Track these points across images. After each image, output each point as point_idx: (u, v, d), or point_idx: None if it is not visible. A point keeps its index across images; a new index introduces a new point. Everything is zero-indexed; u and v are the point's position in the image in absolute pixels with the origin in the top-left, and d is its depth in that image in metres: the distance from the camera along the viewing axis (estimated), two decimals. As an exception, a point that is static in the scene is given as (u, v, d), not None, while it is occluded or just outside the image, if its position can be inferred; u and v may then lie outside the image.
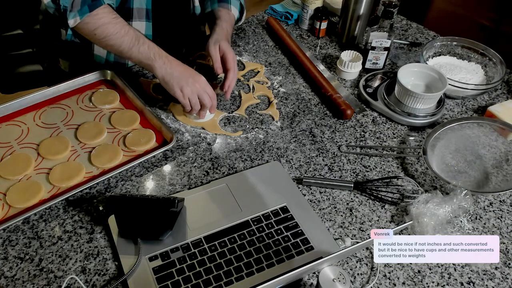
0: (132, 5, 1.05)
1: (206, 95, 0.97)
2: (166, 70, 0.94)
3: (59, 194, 0.85)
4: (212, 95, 0.98)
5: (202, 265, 0.75)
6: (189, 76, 0.95)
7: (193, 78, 0.96)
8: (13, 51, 1.25)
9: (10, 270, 0.75)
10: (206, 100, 0.97)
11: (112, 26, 0.92)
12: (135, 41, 0.93)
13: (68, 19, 0.91)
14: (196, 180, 0.90)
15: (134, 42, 0.93)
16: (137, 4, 1.05)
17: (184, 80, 0.94)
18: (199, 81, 0.96)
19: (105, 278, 0.75)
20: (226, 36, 1.05)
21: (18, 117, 1.00)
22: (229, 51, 1.01)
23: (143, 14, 1.07)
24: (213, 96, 0.98)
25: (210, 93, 0.97)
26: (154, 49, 0.94)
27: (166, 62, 0.94)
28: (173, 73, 0.94)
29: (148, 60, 0.94)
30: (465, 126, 0.99)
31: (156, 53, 0.94)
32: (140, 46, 0.93)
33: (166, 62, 0.94)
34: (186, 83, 0.94)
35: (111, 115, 1.01)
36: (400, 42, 1.29)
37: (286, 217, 0.83)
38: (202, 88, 0.96)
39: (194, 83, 0.95)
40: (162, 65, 0.94)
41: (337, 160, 0.96)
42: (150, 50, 0.94)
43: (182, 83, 0.94)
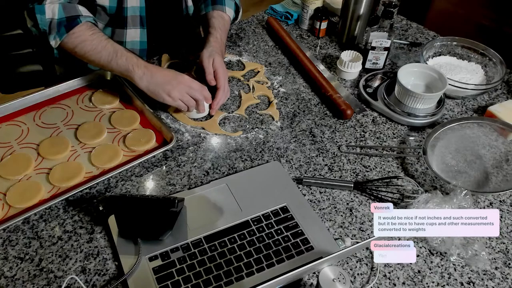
0: (126, 14, 1.06)
1: (194, 90, 0.97)
2: (147, 79, 0.94)
3: (59, 194, 0.85)
4: (200, 88, 0.98)
5: (202, 265, 0.75)
6: (172, 78, 0.96)
7: (176, 79, 0.96)
8: (13, 51, 1.25)
9: (10, 270, 0.75)
10: (197, 95, 0.97)
11: (89, 43, 0.94)
12: (113, 55, 0.94)
13: (50, 40, 0.94)
14: (196, 180, 0.90)
15: (112, 56, 0.94)
16: (131, 12, 1.07)
17: (168, 84, 0.95)
18: (183, 81, 0.96)
19: (105, 278, 0.75)
20: (220, 48, 1.05)
21: (18, 117, 1.00)
22: (221, 69, 1.01)
23: (137, 21, 1.09)
24: (202, 89, 0.98)
25: (197, 87, 0.97)
26: (132, 60, 0.95)
27: (145, 72, 0.94)
28: (155, 81, 0.94)
29: (127, 72, 0.95)
30: (465, 126, 0.99)
31: (134, 64, 0.94)
32: (118, 59, 0.94)
33: (146, 72, 0.94)
34: (172, 87, 0.95)
35: (111, 115, 1.01)
36: (400, 42, 1.29)
37: (286, 217, 0.83)
38: (188, 85, 0.96)
39: (179, 84, 0.95)
40: (142, 75, 0.94)
41: (337, 160, 0.96)
42: (128, 62, 0.94)
43: (167, 87, 0.94)
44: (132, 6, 1.06)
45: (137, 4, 1.07)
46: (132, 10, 1.07)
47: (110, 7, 1.04)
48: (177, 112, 1.04)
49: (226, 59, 1.21)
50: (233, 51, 1.23)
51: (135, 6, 1.07)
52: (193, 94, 0.97)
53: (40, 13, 0.92)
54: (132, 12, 1.07)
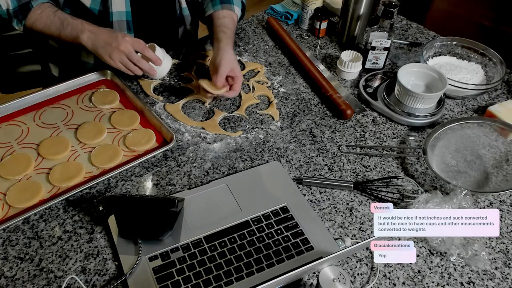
0: (112, 18, 1.07)
1: (135, 53, 0.97)
2: (92, 43, 0.97)
3: (59, 194, 0.85)
4: (142, 49, 0.98)
5: (202, 265, 0.75)
6: (114, 41, 0.96)
7: (117, 42, 0.96)
8: (13, 51, 1.26)
9: (10, 270, 0.75)
10: (135, 58, 0.97)
11: (39, 21, 0.99)
12: (60, 27, 0.98)
13: (14, 27, 1.01)
14: (196, 180, 0.90)
15: (59, 28, 0.98)
16: (117, 17, 1.07)
17: (109, 46, 0.96)
18: (123, 43, 0.96)
19: (105, 278, 0.75)
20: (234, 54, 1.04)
21: (18, 117, 1.00)
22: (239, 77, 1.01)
23: (124, 26, 1.09)
24: (143, 49, 0.98)
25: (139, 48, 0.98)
26: (77, 27, 0.97)
27: (90, 36, 0.97)
28: (97, 43, 0.97)
29: (75, 39, 0.98)
30: (465, 126, 0.99)
31: (79, 30, 0.97)
32: (65, 29, 0.98)
33: (90, 35, 0.97)
34: (112, 48, 0.96)
35: (111, 115, 1.01)
36: (400, 42, 1.29)
37: (286, 217, 0.83)
38: (129, 48, 0.96)
39: (119, 47, 0.96)
40: (87, 39, 0.97)
41: (337, 160, 0.96)
42: (73, 29, 0.97)
43: (108, 49, 0.96)
44: (118, 11, 1.06)
45: (123, 9, 1.06)
46: (118, 15, 1.07)
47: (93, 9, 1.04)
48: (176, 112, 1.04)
49: (226, 59, 1.21)
50: (233, 51, 1.23)
51: (120, 11, 1.06)
52: (132, 57, 0.97)
53: None
54: (118, 17, 1.07)
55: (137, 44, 0.98)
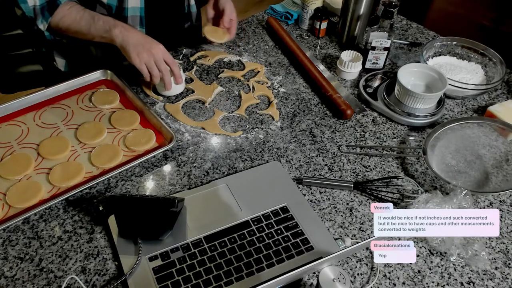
0: (127, 14, 1.08)
1: (164, 63, 0.98)
2: (123, 38, 0.97)
3: (59, 194, 0.85)
4: (172, 63, 0.99)
5: (202, 265, 0.75)
6: (147, 43, 0.98)
7: (150, 45, 0.98)
8: (13, 51, 1.25)
9: (10, 270, 0.75)
10: (163, 66, 0.98)
11: (68, 17, 1.00)
12: (91, 21, 0.99)
13: (38, 25, 1.00)
14: (196, 180, 0.90)
15: (90, 22, 0.98)
16: (132, 12, 1.08)
17: (140, 45, 0.97)
18: (156, 48, 0.98)
19: (105, 278, 0.75)
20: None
21: (18, 117, 1.00)
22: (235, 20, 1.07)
23: (137, 21, 1.10)
24: (173, 63, 1.00)
25: (169, 60, 0.99)
26: (109, 22, 0.98)
27: (122, 31, 0.97)
28: (129, 39, 0.97)
29: (106, 33, 0.98)
30: (465, 126, 0.99)
31: (111, 24, 0.98)
32: (96, 23, 0.98)
33: (123, 31, 0.98)
34: (143, 49, 0.97)
35: (111, 115, 1.01)
36: (400, 42, 1.29)
37: (286, 217, 0.83)
38: (160, 55, 0.98)
39: (151, 50, 0.97)
40: (118, 34, 0.97)
41: (337, 160, 0.96)
42: (105, 23, 0.98)
43: (139, 49, 0.97)
44: (133, 6, 1.07)
45: (138, 4, 1.08)
46: (132, 10, 1.08)
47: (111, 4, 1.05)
48: (176, 112, 1.04)
49: (226, 59, 1.21)
50: (233, 51, 1.23)
51: (135, 6, 1.08)
52: (160, 64, 0.98)
53: (22, 2, 0.97)
54: (133, 12, 1.08)
55: (167, 55, 0.99)
